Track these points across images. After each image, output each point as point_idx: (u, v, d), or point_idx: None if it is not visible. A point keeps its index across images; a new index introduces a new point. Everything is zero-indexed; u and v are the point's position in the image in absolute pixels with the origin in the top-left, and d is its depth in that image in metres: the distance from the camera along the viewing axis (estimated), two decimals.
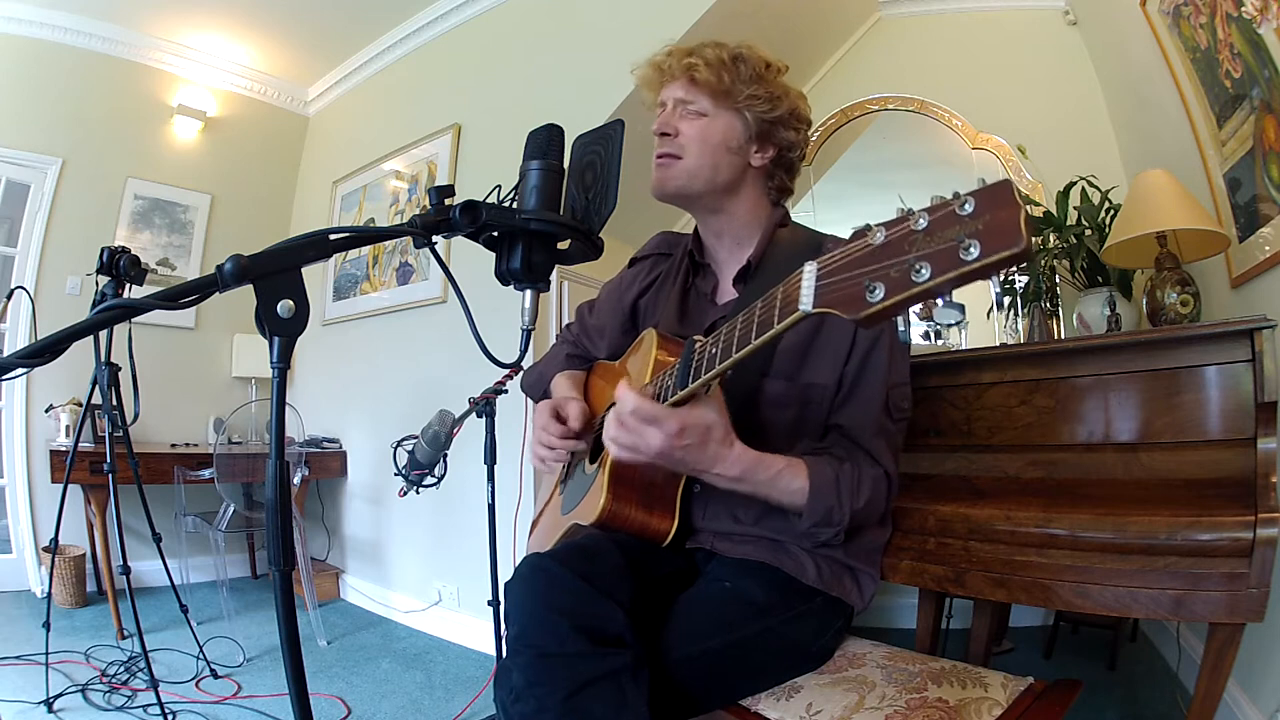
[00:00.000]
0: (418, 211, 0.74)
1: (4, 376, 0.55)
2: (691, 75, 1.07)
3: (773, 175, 1.14)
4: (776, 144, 1.11)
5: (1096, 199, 2.07)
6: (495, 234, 0.78)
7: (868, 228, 0.57)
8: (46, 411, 2.99)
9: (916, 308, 0.55)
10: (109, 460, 2.06)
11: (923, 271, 0.51)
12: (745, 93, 1.07)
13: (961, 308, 2.31)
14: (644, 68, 1.15)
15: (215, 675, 2.19)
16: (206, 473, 2.72)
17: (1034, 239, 2.11)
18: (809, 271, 0.62)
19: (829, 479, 0.94)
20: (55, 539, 2.12)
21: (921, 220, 0.53)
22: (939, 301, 0.53)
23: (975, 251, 0.49)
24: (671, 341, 1.02)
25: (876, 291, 0.54)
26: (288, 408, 0.65)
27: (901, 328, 0.59)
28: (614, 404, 0.83)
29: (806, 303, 0.61)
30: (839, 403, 1.03)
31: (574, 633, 0.78)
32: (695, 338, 0.82)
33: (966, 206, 0.50)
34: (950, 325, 2.36)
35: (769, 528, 1.03)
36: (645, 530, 1.00)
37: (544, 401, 1.19)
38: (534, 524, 1.36)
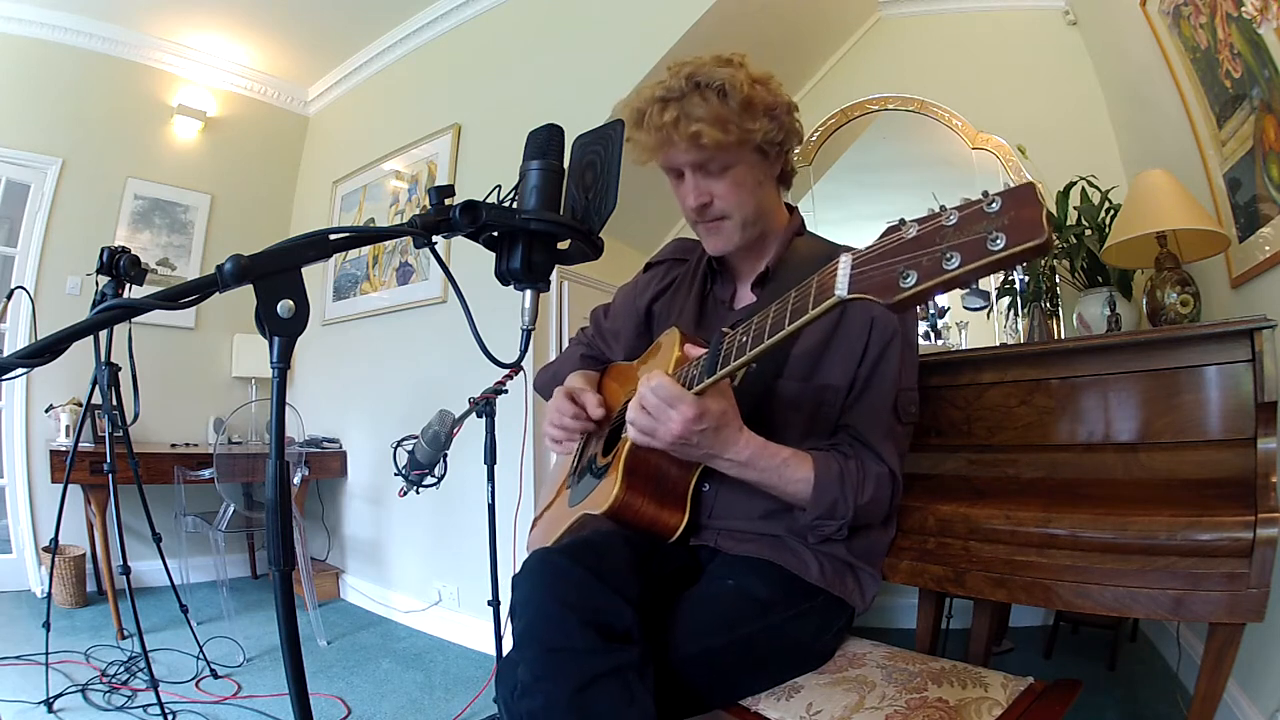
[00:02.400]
0: (418, 211, 0.74)
1: (4, 376, 0.54)
2: (698, 144, 1.00)
3: (781, 174, 1.16)
4: (786, 149, 1.12)
5: (1096, 199, 2.07)
6: (495, 234, 0.78)
7: (902, 222, 0.62)
8: (46, 411, 2.98)
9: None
10: (109, 460, 2.06)
11: (953, 260, 0.56)
12: (750, 128, 1.02)
13: (987, 295, 2.42)
14: (641, 135, 1.04)
15: (215, 675, 2.19)
16: (206, 473, 2.72)
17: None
18: (844, 261, 0.65)
19: (834, 473, 0.96)
20: (55, 539, 2.12)
21: (952, 216, 0.57)
22: (969, 289, 0.57)
23: (1001, 242, 0.53)
24: (695, 340, 1.03)
25: (910, 278, 0.58)
26: (288, 408, 0.65)
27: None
28: (633, 394, 0.85)
29: (842, 289, 0.64)
30: (850, 403, 1.05)
31: (582, 627, 0.79)
32: (723, 330, 0.84)
33: (994, 205, 0.55)
34: (978, 309, 2.47)
35: (773, 525, 1.03)
36: (655, 523, 1.00)
37: (559, 387, 1.20)
38: (535, 523, 1.36)
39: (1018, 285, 2.32)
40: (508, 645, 0.90)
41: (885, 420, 1.04)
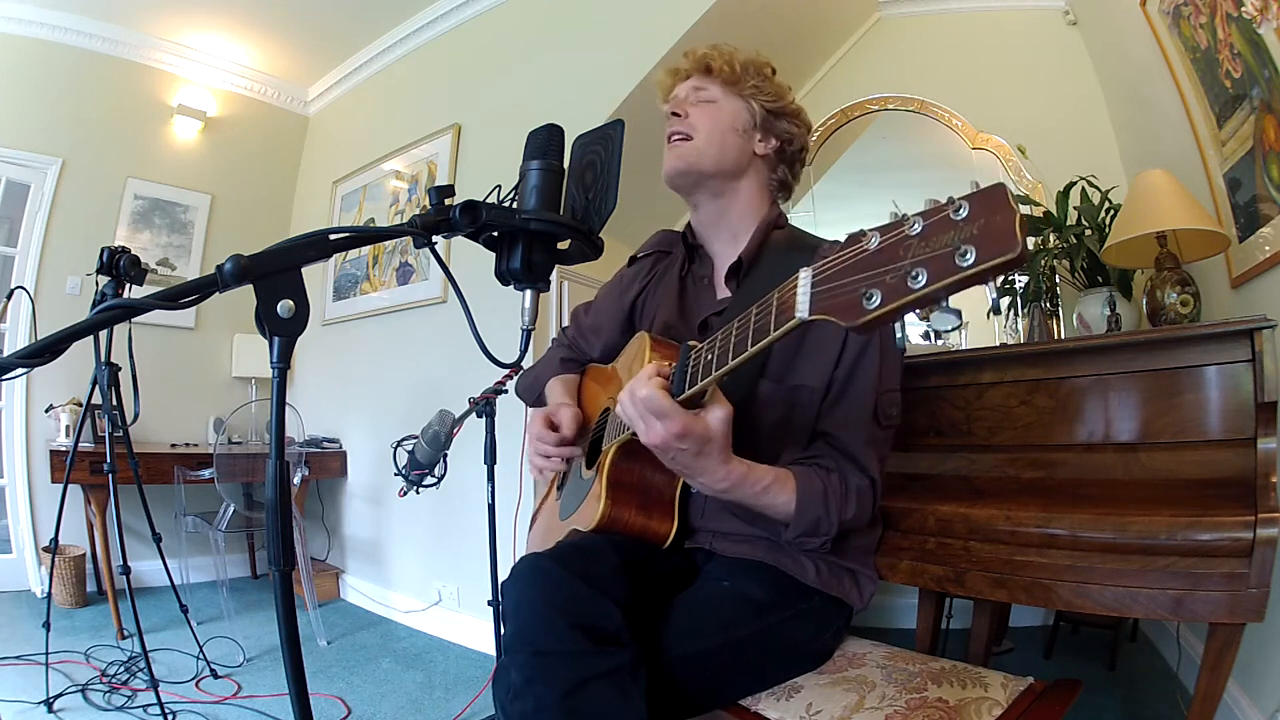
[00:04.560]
0: (418, 211, 0.74)
1: (4, 376, 0.55)
2: (706, 65, 1.16)
3: (775, 167, 1.18)
4: (778, 135, 1.16)
5: (1096, 199, 2.07)
6: (495, 234, 0.78)
7: (862, 233, 0.57)
8: (46, 411, 2.98)
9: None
10: (109, 460, 2.06)
11: (919, 278, 0.51)
12: (751, 83, 1.15)
13: (958, 313, 2.29)
14: (660, 75, 1.22)
15: (215, 675, 2.19)
16: (206, 473, 2.72)
17: (1033, 241, 2.14)
18: (804, 278, 0.62)
19: (816, 491, 0.95)
20: (55, 539, 2.12)
21: (916, 225, 0.52)
22: (938, 306, 0.53)
23: (971, 257, 0.48)
24: (664, 345, 1.03)
25: (873, 299, 0.54)
26: (288, 408, 0.65)
27: (899, 334, 0.59)
28: (614, 405, 0.83)
29: (803, 310, 0.61)
30: (827, 407, 1.03)
31: (572, 630, 0.78)
32: (690, 343, 0.82)
33: (961, 211, 0.50)
34: (948, 330, 2.39)
35: (767, 527, 1.03)
36: (645, 533, 1.00)
37: (538, 410, 1.20)
38: (532, 521, 1.36)
39: (1018, 285, 2.32)
40: None
41: (865, 426, 1.02)
